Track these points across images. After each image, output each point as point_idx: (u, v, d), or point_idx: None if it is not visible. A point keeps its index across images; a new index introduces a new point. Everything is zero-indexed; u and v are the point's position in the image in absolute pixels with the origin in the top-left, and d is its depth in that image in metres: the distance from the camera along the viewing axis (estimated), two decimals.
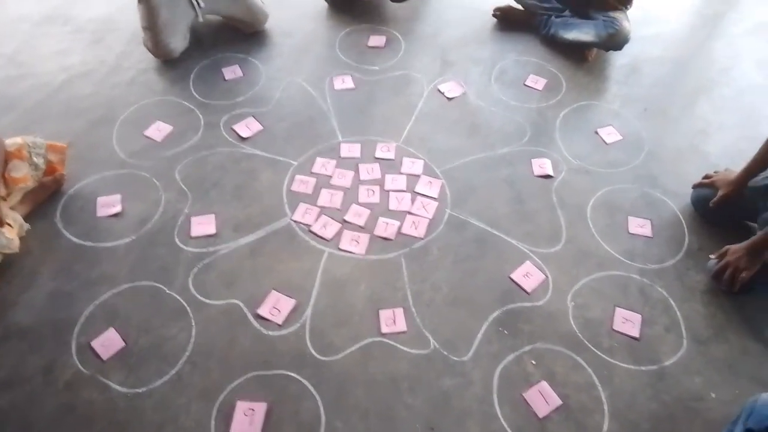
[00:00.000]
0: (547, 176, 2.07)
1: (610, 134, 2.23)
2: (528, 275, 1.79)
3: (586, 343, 1.64)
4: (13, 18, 2.67)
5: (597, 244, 1.88)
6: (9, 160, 1.77)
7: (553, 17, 2.57)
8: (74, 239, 1.84)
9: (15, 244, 1.73)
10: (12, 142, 1.80)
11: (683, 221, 1.95)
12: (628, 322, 1.68)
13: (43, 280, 1.74)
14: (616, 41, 2.43)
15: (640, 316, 1.70)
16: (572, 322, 1.68)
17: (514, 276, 1.78)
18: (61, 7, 2.72)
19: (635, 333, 1.66)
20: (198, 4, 2.41)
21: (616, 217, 1.96)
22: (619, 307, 1.72)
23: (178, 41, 2.41)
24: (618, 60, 2.55)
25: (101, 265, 1.78)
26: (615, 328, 1.67)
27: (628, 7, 2.48)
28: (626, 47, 2.45)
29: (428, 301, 1.72)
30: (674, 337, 1.66)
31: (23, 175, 1.79)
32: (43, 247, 1.82)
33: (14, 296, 1.71)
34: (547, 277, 1.79)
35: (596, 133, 2.23)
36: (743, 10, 2.94)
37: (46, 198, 1.93)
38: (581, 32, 2.49)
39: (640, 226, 1.93)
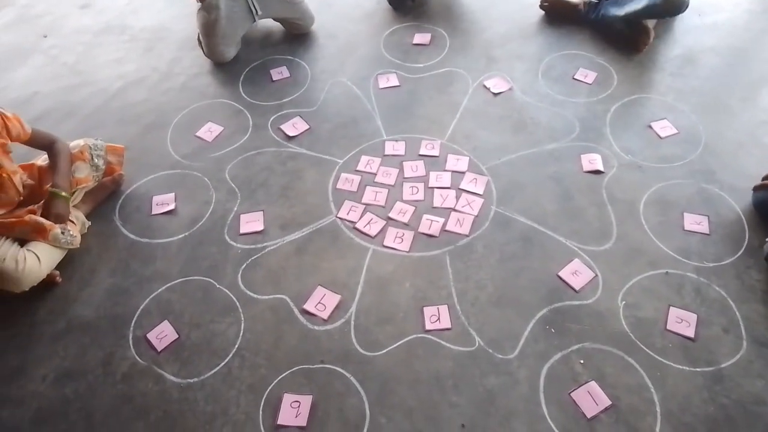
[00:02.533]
0: (597, 172, 2.02)
1: (664, 128, 2.14)
2: (576, 273, 1.74)
3: (638, 343, 1.59)
4: (74, 30, 2.81)
5: (650, 242, 1.82)
6: (72, 161, 1.87)
7: (602, 1, 2.48)
8: (131, 236, 1.93)
9: (77, 241, 1.83)
10: (75, 144, 1.90)
11: (743, 217, 1.86)
12: (682, 321, 1.62)
13: (101, 276, 1.83)
14: (671, 5, 2.29)
15: (695, 315, 1.63)
16: (623, 322, 1.63)
17: (561, 274, 1.74)
18: (117, 18, 2.85)
19: (690, 333, 1.59)
20: (256, 11, 2.47)
21: (670, 214, 1.89)
22: (673, 306, 1.65)
23: (232, 48, 2.50)
24: (671, 51, 2.46)
25: (156, 262, 1.85)
26: (669, 328, 1.61)
27: None
28: (681, 36, 2.35)
29: (473, 299, 1.71)
30: (733, 338, 1.58)
31: (85, 175, 1.89)
32: (102, 244, 1.92)
33: (75, 291, 1.80)
34: (596, 275, 1.74)
35: (649, 126, 2.16)
36: None
37: (105, 197, 2.02)
38: (633, 3, 2.37)
39: (696, 223, 1.85)
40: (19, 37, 2.76)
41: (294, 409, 1.50)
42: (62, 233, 1.77)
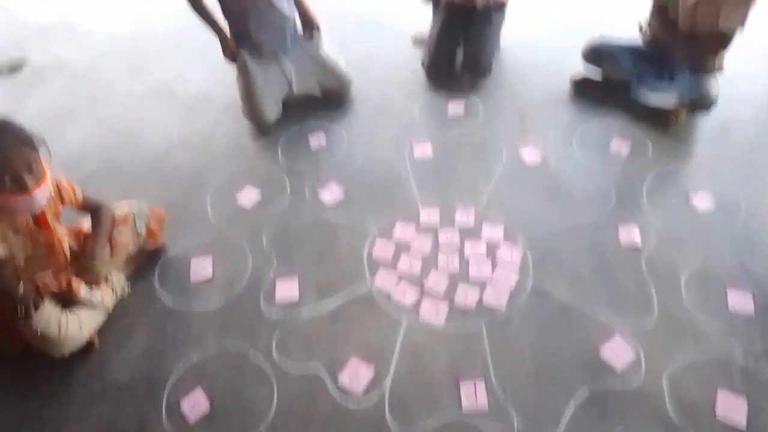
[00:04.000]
0: (636, 243, 1.99)
1: (702, 200, 2.12)
2: (617, 351, 1.70)
3: (686, 430, 1.52)
4: (123, 94, 2.95)
5: (693, 320, 1.77)
6: (116, 226, 1.92)
7: (635, 81, 2.52)
8: (169, 300, 1.95)
9: (107, 301, 1.86)
10: (120, 207, 1.96)
11: None
12: (732, 407, 1.55)
13: (138, 340, 1.85)
14: (702, 102, 2.34)
15: (745, 401, 1.55)
16: (668, 405, 1.57)
17: (602, 351, 1.70)
18: (164, 84, 2.98)
19: (742, 420, 1.52)
20: (291, 76, 2.58)
21: (713, 291, 1.84)
22: (721, 389, 1.58)
23: (272, 110, 2.59)
24: (706, 122, 2.46)
25: (191, 327, 1.87)
26: (718, 414, 1.54)
27: (718, 70, 2.39)
28: (719, 107, 2.35)
29: (511, 375, 1.67)
30: None
31: (127, 240, 1.94)
32: (140, 307, 1.94)
33: (112, 354, 1.82)
34: (638, 353, 1.69)
35: (687, 198, 2.14)
36: None
37: (145, 261, 2.06)
38: (666, 94, 2.41)
39: (741, 302, 1.80)
40: (73, 100, 2.90)
41: None
42: (92, 293, 1.80)
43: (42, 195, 1.61)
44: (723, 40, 2.29)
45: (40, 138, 1.61)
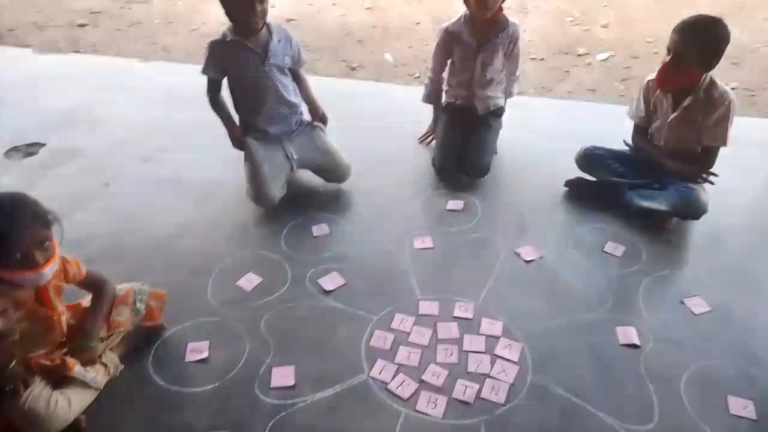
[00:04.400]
0: (634, 345, 2.00)
1: (697, 305, 2.16)
2: None
3: None
4: (133, 180, 3.05)
5: (695, 425, 1.74)
6: (116, 305, 1.93)
7: (626, 188, 2.65)
8: (162, 383, 1.91)
9: (99, 380, 1.81)
10: (121, 287, 1.97)
11: None
12: None
13: (127, 424, 1.78)
14: (692, 210, 2.45)
15: None
16: None
17: None
18: (174, 172, 3.09)
19: None
20: (292, 156, 2.73)
21: (714, 396, 1.83)
22: None
23: (276, 190, 2.70)
24: (698, 229, 2.55)
25: (183, 412, 1.81)
26: None
27: (711, 182, 2.52)
28: (706, 216, 2.46)
29: None
30: None
31: (124, 319, 1.92)
32: (131, 389, 1.89)
33: None
34: None
35: (682, 303, 2.18)
36: None
37: (141, 341, 2.04)
38: (656, 202, 2.53)
39: (742, 407, 1.78)
40: (84, 185, 2.99)
41: None
42: (86, 371, 1.77)
43: (50, 272, 1.63)
44: (708, 156, 2.46)
45: (55, 215, 1.66)
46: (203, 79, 2.65)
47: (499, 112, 3.07)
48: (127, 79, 4.30)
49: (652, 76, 2.54)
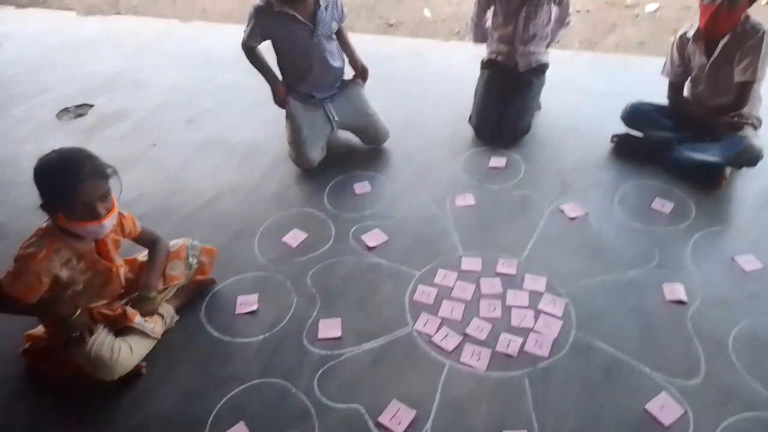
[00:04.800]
0: (681, 302, 1.98)
1: (749, 262, 2.11)
2: (664, 407, 1.66)
3: None
4: (178, 142, 3.12)
5: (743, 381, 1.72)
6: (170, 259, 2.01)
7: (675, 143, 2.57)
8: (214, 334, 2.00)
9: (158, 331, 1.91)
10: (174, 243, 2.05)
11: None
12: None
13: (182, 372, 1.88)
14: (746, 158, 2.37)
15: None
16: None
17: (649, 407, 1.66)
18: (217, 134, 3.15)
19: None
20: (333, 117, 2.73)
21: (763, 352, 1.80)
22: None
23: (316, 153, 2.74)
24: (751, 187, 2.47)
25: (235, 361, 1.90)
26: None
27: (756, 127, 2.44)
28: (760, 171, 2.37)
29: (554, 429, 1.64)
30: None
31: (179, 273, 2.01)
32: (186, 339, 1.99)
33: (155, 386, 1.84)
34: (686, 411, 1.65)
35: (733, 260, 2.13)
36: None
37: (194, 294, 2.13)
38: (708, 154, 2.45)
39: None
40: (131, 146, 3.08)
41: None
42: (145, 321, 1.86)
43: (110, 224, 1.71)
44: (741, 94, 2.36)
45: (114, 169, 1.72)
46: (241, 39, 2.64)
47: (542, 68, 2.97)
48: (167, 41, 4.35)
49: (684, 30, 2.48)
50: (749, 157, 2.35)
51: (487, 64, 3.03)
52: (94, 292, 1.84)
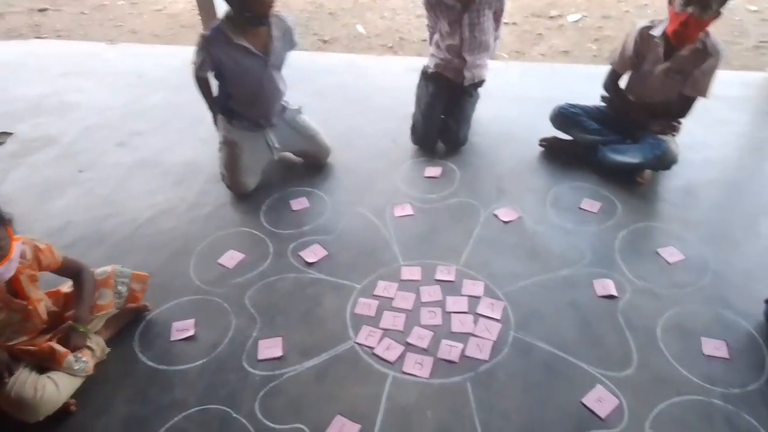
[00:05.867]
0: (611, 297, 2.05)
1: (672, 254, 2.22)
2: (601, 400, 1.71)
3: None
4: (110, 165, 3.01)
5: (672, 368, 1.81)
6: (98, 288, 1.92)
7: (600, 145, 2.69)
8: (150, 363, 1.92)
9: (90, 367, 1.82)
10: (102, 271, 1.96)
11: (762, 342, 1.86)
12: None
13: (118, 404, 1.80)
14: (663, 162, 2.51)
15: None
16: None
17: (586, 401, 1.71)
18: (151, 155, 3.06)
19: None
20: (274, 144, 2.70)
21: (688, 339, 1.89)
22: None
23: (253, 179, 2.69)
24: (671, 183, 2.61)
25: (173, 389, 1.83)
26: None
27: (675, 134, 2.59)
28: (678, 170, 2.52)
29: (498, 431, 1.66)
30: None
31: (107, 302, 1.92)
32: (119, 371, 1.91)
33: (90, 421, 1.76)
34: (621, 402, 1.70)
35: (657, 253, 2.23)
36: None
37: (126, 323, 2.05)
38: (629, 156, 2.58)
39: (715, 348, 1.85)
40: (59, 172, 2.95)
41: None
42: (75, 360, 1.77)
43: (6, 271, 1.60)
44: (687, 106, 2.50)
45: (10, 215, 1.62)
46: (175, 61, 2.59)
47: (481, 82, 3.05)
48: (96, 63, 4.21)
49: (646, 23, 2.52)
50: (666, 161, 2.51)
51: (431, 76, 3.03)
52: (14, 330, 1.74)
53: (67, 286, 1.95)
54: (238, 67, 2.46)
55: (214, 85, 2.63)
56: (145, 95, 3.67)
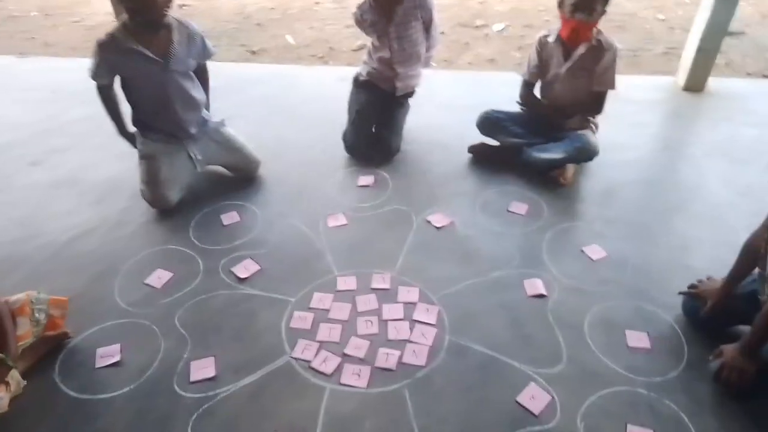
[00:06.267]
0: (541, 296, 2.12)
1: (595, 252, 2.32)
2: (534, 397, 1.76)
3: None
4: (23, 186, 2.84)
5: (598, 361, 1.88)
6: (12, 318, 1.80)
7: (525, 147, 2.79)
8: (71, 393, 1.81)
9: (5, 404, 1.70)
10: (15, 299, 1.84)
11: (680, 332, 1.97)
12: None
13: None
14: (584, 154, 2.65)
15: None
16: None
17: (519, 399, 1.75)
18: (68, 174, 2.91)
19: None
20: (196, 157, 2.62)
21: (613, 333, 1.98)
22: (630, 424, 1.67)
23: (175, 193, 2.59)
24: (592, 184, 2.74)
25: (98, 420, 1.73)
26: None
27: (594, 129, 2.73)
28: (598, 171, 2.65)
29: None
30: None
31: (25, 331, 1.80)
32: (38, 404, 1.78)
33: None
34: (553, 397, 1.76)
35: (582, 251, 2.33)
36: (699, 132, 3.22)
37: (45, 352, 1.92)
38: (551, 152, 2.70)
39: (638, 340, 1.94)
40: None
41: None
42: None
43: None
44: (600, 100, 2.65)
45: None
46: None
47: (412, 92, 3.10)
48: (6, 77, 3.97)
49: (543, 32, 2.72)
50: (587, 153, 2.64)
51: (363, 84, 3.04)
52: None
53: None
54: (136, 73, 2.41)
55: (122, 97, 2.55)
56: (61, 111, 3.49)
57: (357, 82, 3.07)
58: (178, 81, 2.47)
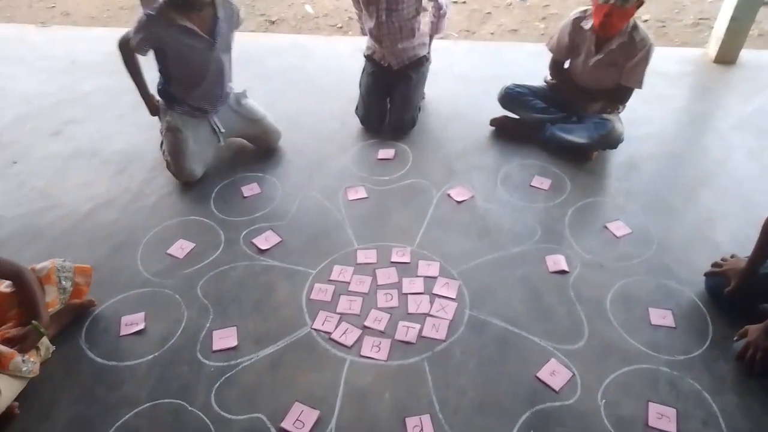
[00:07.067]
0: (563, 272, 2.10)
1: (619, 228, 2.28)
2: (554, 373, 1.75)
3: None
4: (43, 156, 2.85)
5: (620, 338, 1.87)
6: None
7: (547, 123, 2.73)
8: (97, 360, 1.85)
9: (37, 368, 1.74)
10: (42, 266, 1.86)
11: (704, 310, 1.95)
12: (663, 417, 1.62)
13: (64, 406, 1.72)
14: (609, 141, 2.58)
15: (674, 410, 1.64)
16: (605, 421, 1.63)
17: (540, 375, 1.75)
18: (88, 144, 2.92)
19: (672, 429, 1.60)
20: (219, 129, 2.61)
21: (636, 310, 1.96)
22: (651, 402, 1.67)
23: (200, 166, 2.59)
24: (616, 158, 2.68)
25: (123, 386, 1.77)
26: (650, 424, 1.61)
27: (619, 111, 2.66)
28: (622, 146, 2.59)
29: (455, 407, 1.68)
30: None
31: (52, 299, 1.84)
32: (65, 370, 1.82)
33: (34, 425, 1.67)
34: (573, 374, 1.75)
35: (605, 227, 2.29)
36: (727, 106, 3.12)
37: (71, 320, 1.96)
38: (576, 135, 2.64)
39: (661, 318, 1.92)
40: None
41: None
42: (23, 361, 1.69)
43: None
44: (624, 95, 2.57)
45: None
46: (112, 45, 2.44)
47: (419, 62, 2.95)
48: (22, 48, 3.97)
49: (578, 14, 2.57)
50: (612, 140, 2.57)
51: (368, 58, 3.00)
52: None
53: (3, 286, 1.84)
54: (184, 48, 2.36)
55: (153, 68, 2.51)
56: (80, 81, 3.48)
57: (366, 57, 3.01)
58: (220, 57, 2.46)
